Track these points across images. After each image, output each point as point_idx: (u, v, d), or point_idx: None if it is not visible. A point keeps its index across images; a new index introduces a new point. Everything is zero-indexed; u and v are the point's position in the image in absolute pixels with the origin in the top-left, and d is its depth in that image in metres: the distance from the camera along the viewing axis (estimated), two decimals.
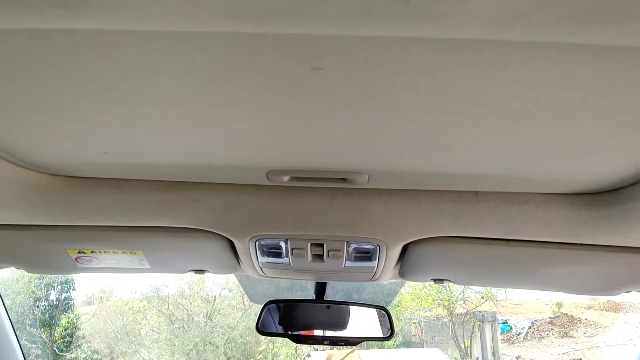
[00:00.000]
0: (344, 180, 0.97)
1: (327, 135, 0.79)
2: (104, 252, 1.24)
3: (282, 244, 1.21)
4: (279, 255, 1.27)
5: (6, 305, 1.62)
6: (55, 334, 12.74)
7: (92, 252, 1.23)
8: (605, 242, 1.05)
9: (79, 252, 1.24)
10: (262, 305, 1.65)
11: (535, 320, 16.30)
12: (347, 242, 1.18)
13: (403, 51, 0.54)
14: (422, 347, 13.79)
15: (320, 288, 1.67)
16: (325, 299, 1.65)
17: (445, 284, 1.50)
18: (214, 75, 0.62)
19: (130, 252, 1.24)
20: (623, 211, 0.92)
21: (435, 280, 1.46)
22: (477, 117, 0.69)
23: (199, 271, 1.45)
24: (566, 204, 0.97)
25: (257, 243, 1.19)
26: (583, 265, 1.19)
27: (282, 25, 0.44)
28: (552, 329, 15.85)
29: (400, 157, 0.87)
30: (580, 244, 1.07)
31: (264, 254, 1.26)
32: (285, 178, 0.97)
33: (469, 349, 13.07)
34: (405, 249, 1.22)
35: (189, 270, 1.46)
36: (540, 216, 1.00)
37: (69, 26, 0.51)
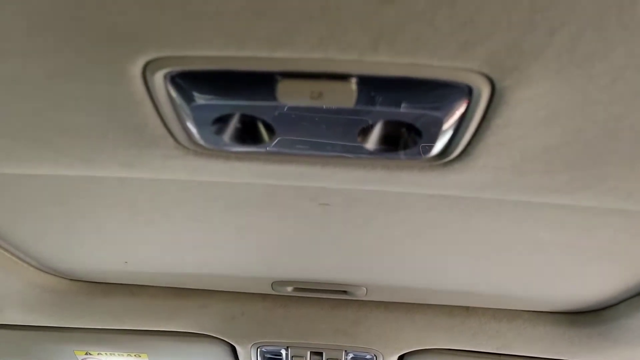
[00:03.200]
0: (344, 292, 1.04)
1: (329, 253, 0.88)
2: (110, 354, 1.27)
3: (283, 352, 1.25)
4: None
5: None
6: None
7: (98, 354, 1.26)
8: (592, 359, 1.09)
9: (86, 354, 1.27)
10: None
11: None
12: (346, 351, 1.22)
13: (397, 197, 0.64)
14: None
15: None
16: None
17: None
18: (233, 205, 0.72)
19: (135, 355, 1.28)
20: (605, 330, 0.98)
21: None
22: (465, 245, 0.78)
23: None
24: (552, 321, 1.03)
25: (258, 350, 1.23)
26: None
27: (300, 182, 0.55)
28: None
29: (397, 273, 0.94)
30: None
31: None
32: (289, 288, 1.04)
33: None
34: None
35: None
36: (530, 332, 1.05)
37: (95, 174, 0.59)
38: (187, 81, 0.35)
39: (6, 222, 0.81)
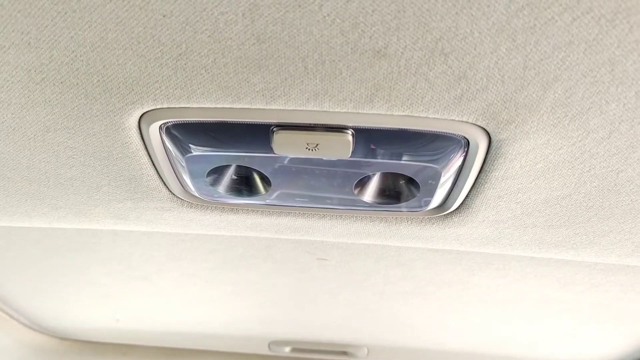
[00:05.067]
0: (344, 353, 1.00)
1: (329, 311, 0.85)
2: None
3: None
4: None
5: None
6: None
7: None
8: None
9: None
10: None
11: None
12: None
13: (398, 252, 0.63)
14: None
15: None
16: None
17: None
18: (230, 261, 0.71)
19: None
20: None
21: None
22: (468, 303, 0.76)
23: None
24: None
25: None
26: None
27: (297, 236, 0.54)
28: None
29: (399, 333, 0.91)
30: None
31: None
32: (287, 349, 1.00)
33: None
34: None
35: None
36: None
37: (89, 227, 0.57)
38: (183, 132, 0.35)
39: None
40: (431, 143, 0.35)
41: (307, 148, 0.34)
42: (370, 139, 0.35)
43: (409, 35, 0.26)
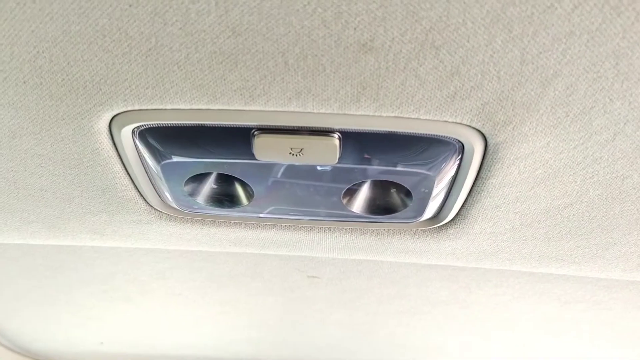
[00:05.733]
0: None
1: (320, 332, 0.82)
2: None
3: None
4: None
5: None
6: None
7: None
8: None
9: None
10: None
11: None
12: None
13: (391, 269, 0.60)
14: None
15: None
16: None
17: None
18: (217, 279, 0.68)
19: None
20: None
21: None
22: (465, 322, 0.73)
23: None
24: None
25: None
26: None
27: (285, 251, 0.51)
28: None
29: (394, 354, 0.88)
30: None
31: None
32: None
33: None
34: None
35: None
36: None
37: (63, 243, 0.55)
38: (157, 137, 0.33)
39: None
40: (423, 148, 0.33)
41: (290, 153, 0.32)
42: (359, 143, 0.32)
43: (396, 26, 0.24)
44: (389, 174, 0.35)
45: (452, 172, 0.35)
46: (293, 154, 0.32)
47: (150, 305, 0.77)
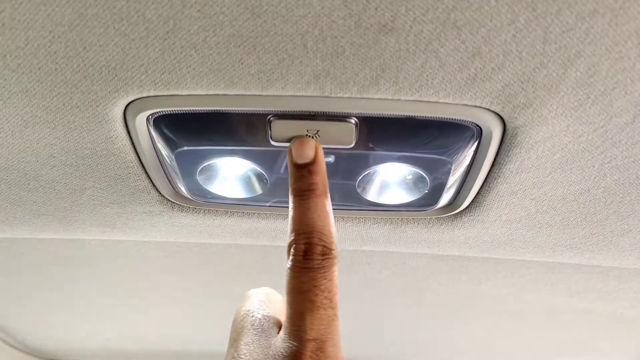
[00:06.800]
0: None
1: None
2: None
3: None
4: None
5: None
6: None
7: None
8: None
9: None
10: None
11: None
12: None
13: (401, 259, 0.60)
14: None
15: None
16: None
17: None
18: (226, 273, 0.67)
19: None
20: None
21: None
22: (475, 316, 0.73)
23: None
24: None
25: None
26: None
27: None
28: None
29: (404, 348, 0.87)
30: None
31: None
32: None
33: None
34: None
35: None
36: None
37: (74, 237, 0.55)
38: (172, 125, 0.33)
39: None
40: (441, 132, 0.32)
41: (307, 135, 0.31)
42: (375, 128, 0.32)
43: (418, 5, 0.24)
44: (405, 160, 0.35)
45: (469, 158, 0.34)
46: (309, 136, 0.32)
47: (159, 300, 0.77)
